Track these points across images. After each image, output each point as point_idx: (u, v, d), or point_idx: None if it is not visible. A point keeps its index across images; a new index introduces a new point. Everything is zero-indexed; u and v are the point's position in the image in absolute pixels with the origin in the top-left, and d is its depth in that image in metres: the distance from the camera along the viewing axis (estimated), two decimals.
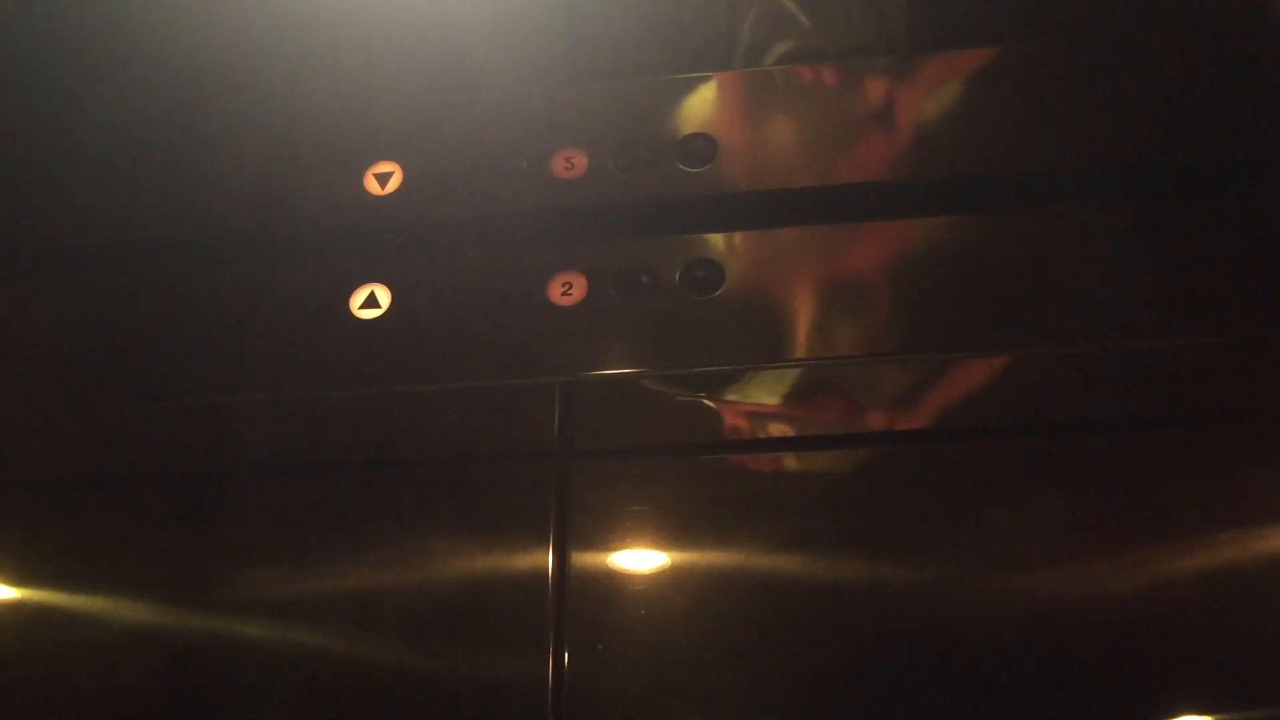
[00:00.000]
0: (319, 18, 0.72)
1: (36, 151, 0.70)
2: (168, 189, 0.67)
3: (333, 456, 0.66)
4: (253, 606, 0.64)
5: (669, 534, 0.64)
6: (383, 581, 0.64)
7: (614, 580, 0.63)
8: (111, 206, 0.67)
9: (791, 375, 0.63)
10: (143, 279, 0.65)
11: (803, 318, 0.61)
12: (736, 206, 0.64)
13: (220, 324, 0.64)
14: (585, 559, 0.63)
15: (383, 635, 0.63)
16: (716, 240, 0.63)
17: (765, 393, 0.64)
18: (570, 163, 0.64)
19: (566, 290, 0.62)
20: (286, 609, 0.64)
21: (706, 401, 0.64)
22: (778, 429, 0.66)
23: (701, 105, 0.66)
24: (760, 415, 0.65)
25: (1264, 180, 0.63)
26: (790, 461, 0.66)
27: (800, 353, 0.61)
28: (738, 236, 0.63)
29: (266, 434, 0.65)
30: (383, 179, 0.65)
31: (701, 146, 0.64)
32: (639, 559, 0.64)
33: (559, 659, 0.60)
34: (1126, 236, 0.62)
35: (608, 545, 0.63)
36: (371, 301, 0.62)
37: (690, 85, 0.68)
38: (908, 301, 0.62)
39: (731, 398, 0.64)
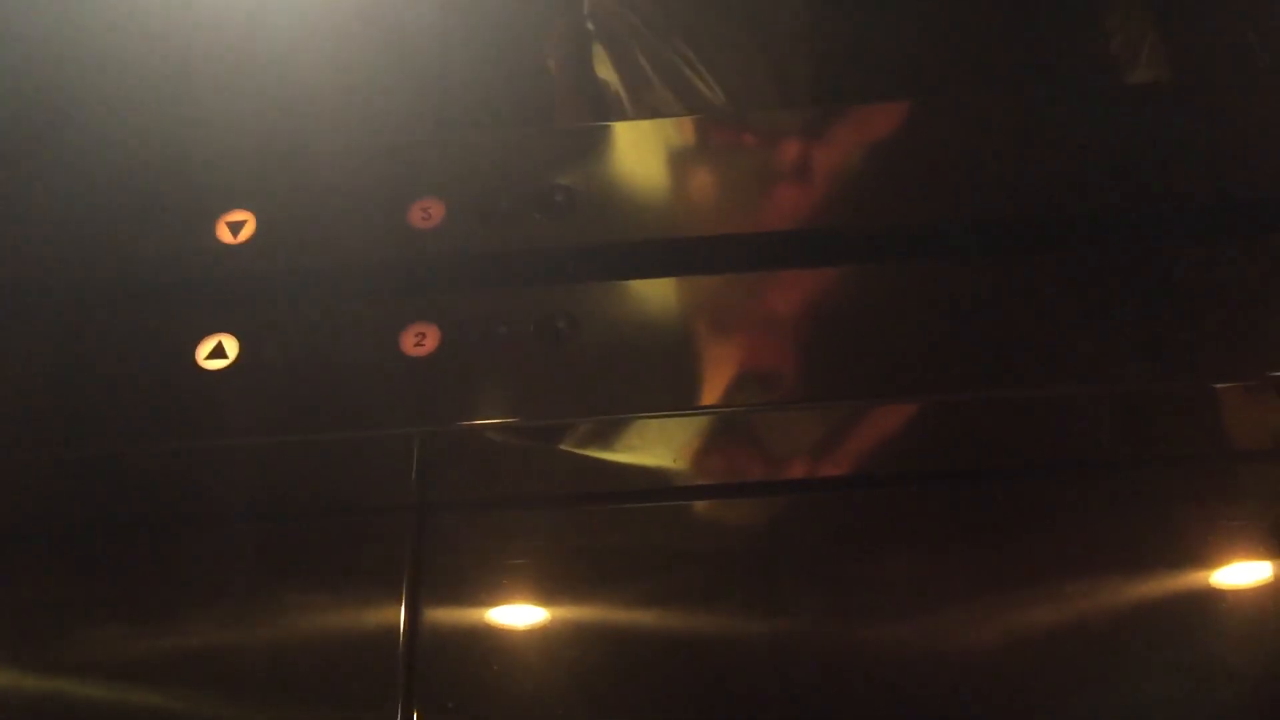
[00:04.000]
0: (174, 60, 0.72)
1: None
2: (16, 236, 0.65)
3: (180, 509, 0.65)
4: (96, 663, 0.62)
5: (527, 588, 0.63)
6: (230, 638, 0.62)
7: (468, 636, 0.62)
8: None
9: (650, 426, 0.62)
10: None
11: (659, 368, 0.61)
12: (595, 257, 0.64)
13: (63, 374, 0.62)
14: (439, 613, 0.62)
15: (231, 694, 0.61)
16: (575, 291, 0.63)
17: (627, 444, 0.63)
18: (427, 212, 0.64)
19: (420, 341, 0.61)
20: (129, 666, 0.62)
21: (566, 452, 0.63)
22: (637, 480, 0.65)
23: (561, 157, 0.66)
24: (620, 466, 0.64)
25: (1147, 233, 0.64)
26: (653, 512, 0.66)
27: (656, 404, 0.61)
28: (596, 287, 0.63)
29: (109, 486, 0.64)
30: (235, 227, 0.64)
31: (561, 197, 0.64)
32: (495, 614, 0.63)
33: (409, 697, 0.59)
34: (1022, 287, 0.62)
35: (463, 600, 0.62)
36: (219, 351, 0.61)
37: (550, 137, 0.68)
38: (771, 351, 0.62)
39: (591, 449, 0.63)
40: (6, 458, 0.61)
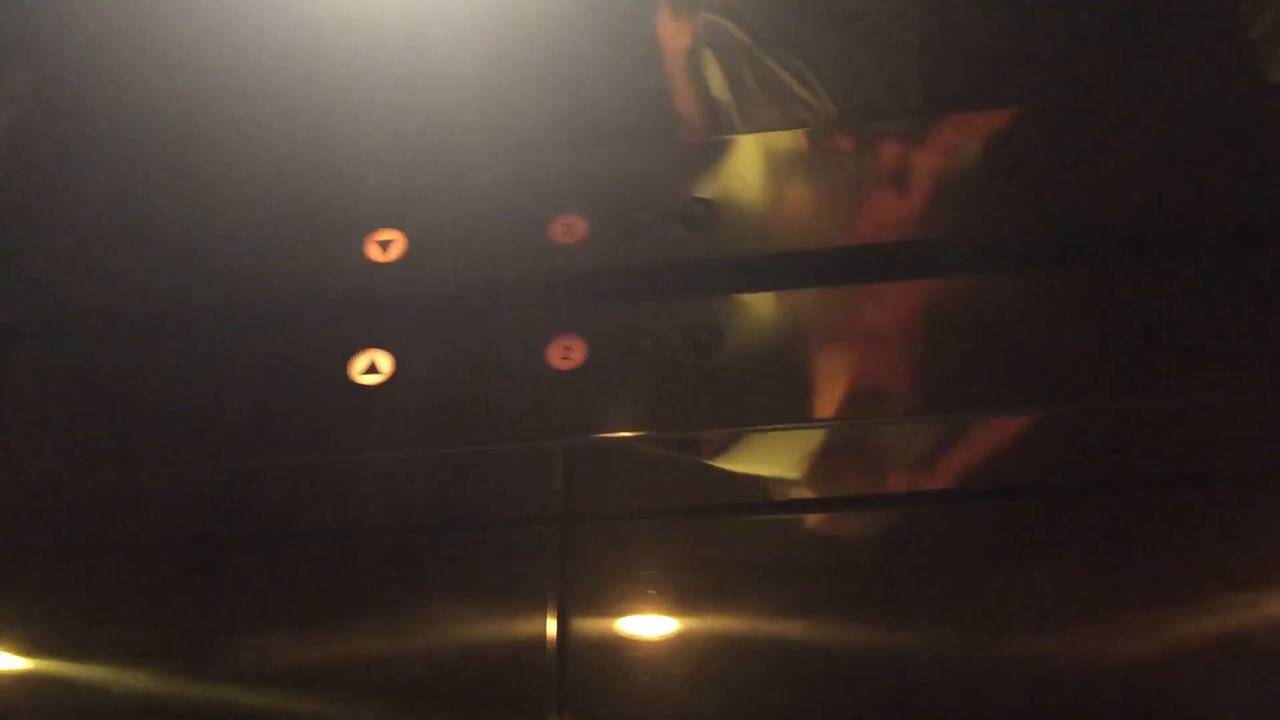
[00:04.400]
0: (322, 85, 0.74)
1: (36, 219, 0.71)
2: (170, 256, 0.67)
3: (336, 522, 0.66)
4: (254, 674, 0.64)
5: (673, 598, 0.63)
6: (384, 648, 0.63)
7: (617, 645, 0.63)
8: (113, 274, 0.67)
9: (796, 438, 0.62)
10: (145, 346, 0.66)
11: (804, 380, 0.61)
12: (737, 269, 0.64)
13: (222, 391, 0.64)
14: (588, 623, 0.63)
15: (384, 702, 0.63)
16: (719, 304, 0.63)
17: (769, 455, 0.63)
18: (570, 228, 0.65)
19: (566, 355, 0.62)
20: (286, 675, 0.64)
21: (710, 464, 0.64)
22: (782, 491, 0.65)
23: (702, 169, 0.66)
24: (764, 478, 0.64)
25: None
26: (797, 524, 0.66)
27: (802, 415, 0.61)
28: (739, 299, 0.63)
29: (269, 500, 0.66)
30: (384, 245, 0.65)
31: (701, 210, 0.65)
32: (643, 623, 0.63)
33: (561, 705, 0.60)
34: (1147, 295, 0.61)
35: (611, 609, 0.63)
36: (373, 368, 0.62)
37: (688, 150, 0.68)
38: (912, 362, 0.62)
39: (735, 460, 0.63)
40: (170, 473, 0.63)
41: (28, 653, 0.66)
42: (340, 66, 0.74)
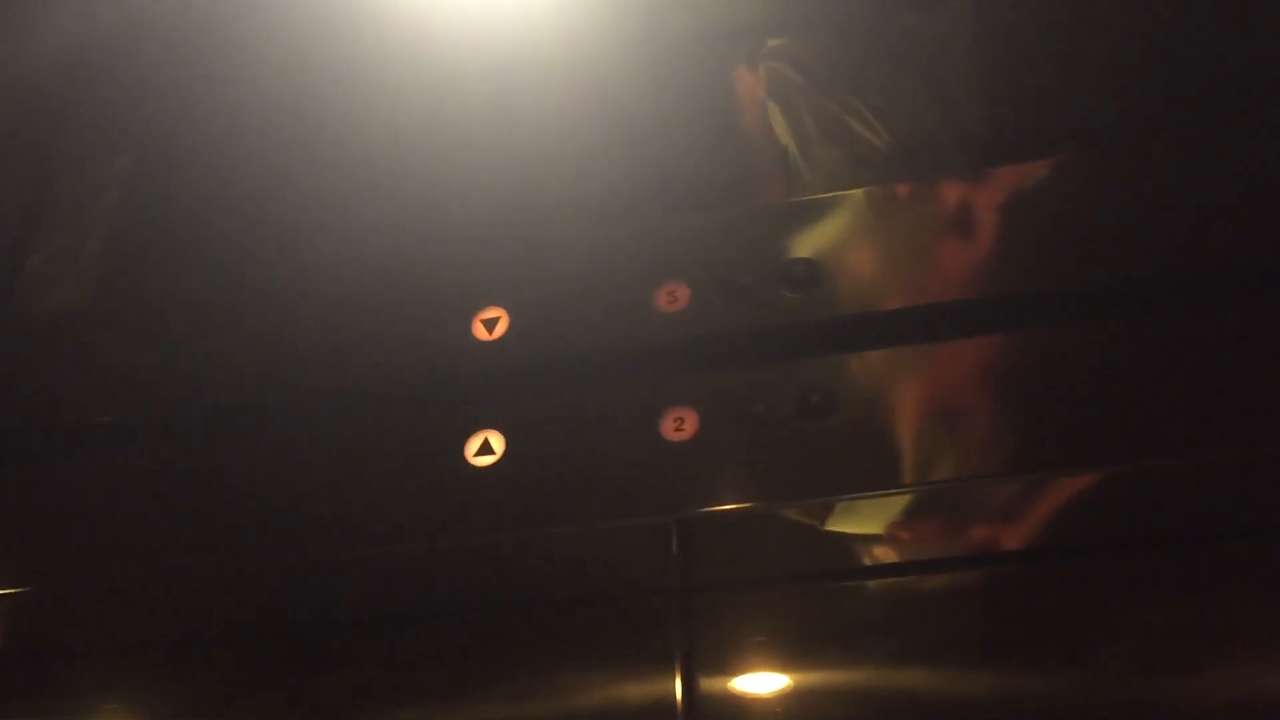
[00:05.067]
0: (414, 167, 0.74)
1: (142, 309, 0.72)
2: (272, 345, 0.68)
3: (456, 605, 0.66)
4: None
5: (794, 662, 0.63)
6: None
7: (742, 712, 0.62)
8: (222, 365, 0.68)
9: (910, 498, 0.62)
10: (255, 438, 0.67)
11: (920, 440, 0.60)
12: (844, 329, 0.63)
13: (335, 477, 0.64)
14: (712, 690, 0.62)
15: None
16: (827, 365, 0.62)
17: (886, 517, 0.63)
18: (673, 295, 0.65)
19: (679, 425, 0.61)
20: None
21: (827, 529, 0.63)
22: (898, 553, 0.64)
23: (800, 229, 0.66)
24: (882, 540, 0.63)
25: None
26: (912, 584, 0.65)
27: (920, 475, 0.60)
28: (849, 359, 0.63)
29: (389, 586, 0.66)
30: (490, 324, 0.65)
31: (803, 271, 0.64)
32: (765, 687, 0.63)
33: None
34: (1227, 340, 0.60)
35: (733, 676, 0.63)
36: (486, 448, 0.62)
37: (785, 210, 0.68)
38: (1025, 418, 0.60)
39: (852, 524, 0.63)
40: (290, 559, 0.64)
41: None
42: (425, 142, 0.75)
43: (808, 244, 0.65)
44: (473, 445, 0.63)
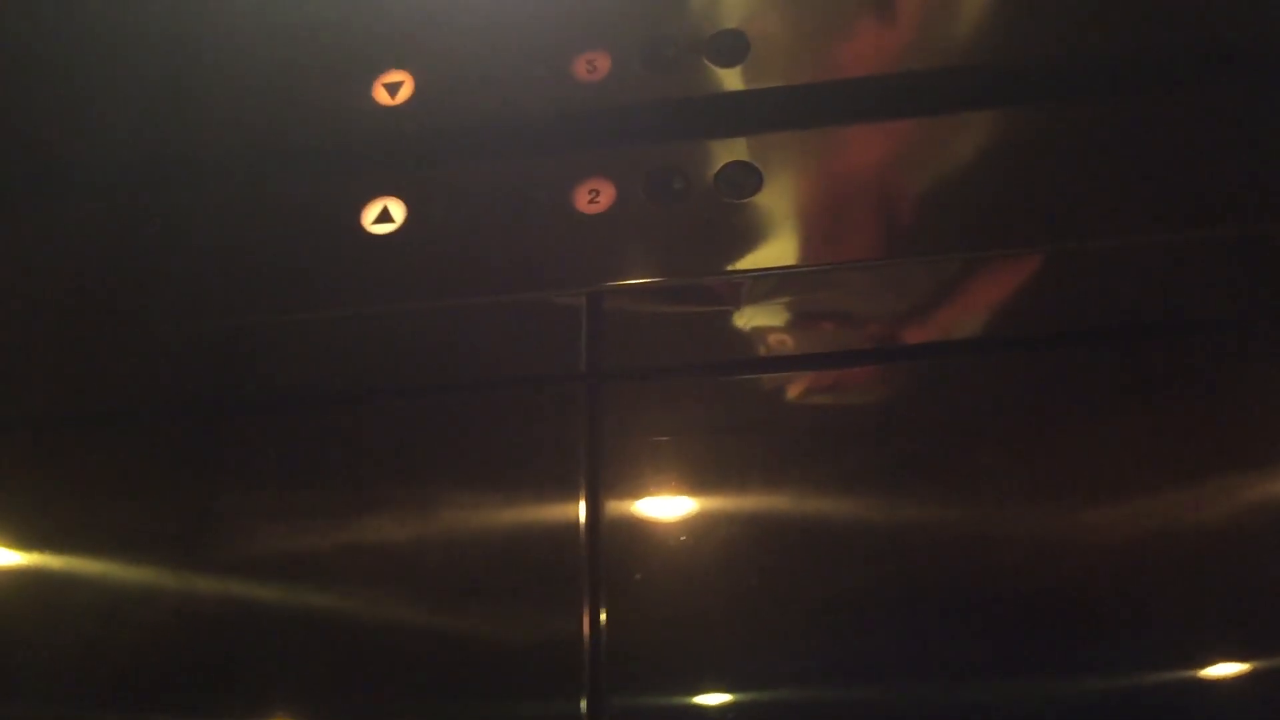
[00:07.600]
0: None
1: (22, 68, 0.66)
2: (164, 104, 0.63)
3: (347, 382, 0.62)
4: (259, 557, 0.59)
5: (707, 458, 0.60)
6: (401, 519, 0.60)
7: (650, 510, 0.59)
8: (102, 124, 0.63)
9: (841, 279, 0.58)
10: (140, 200, 0.62)
11: (846, 220, 0.57)
12: (771, 104, 0.60)
13: (224, 244, 0.60)
14: (619, 485, 0.59)
15: (401, 575, 0.59)
16: (753, 141, 0.59)
17: (805, 299, 0.59)
18: (592, 65, 0.60)
19: (594, 198, 0.58)
20: (294, 558, 0.59)
21: (743, 309, 0.60)
22: (817, 341, 0.61)
23: (726, 1, 0.62)
24: (807, 326, 0.60)
25: None
26: (843, 377, 0.62)
27: (846, 255, 0.57)
28: (774, 136, 0.59)
29: (275, 359, 0.61)
30: (393, 88, 0.61)
31: (731, 42, 0.60)
32: (675, 484, 0.59)
33: (595, 585, 0.56)
34: (1179, 123, 0.58)
35: (642, 471, 0.59)
36: (385, 216, 0.58)
37: None
38: (956, 198, 0.58)
39: (771, 308, 0.59)
40: (170, 332, 0.59)
41: (12, 542, 0.62)
42: None
43: (736, 14, 0.61)
44: (370, 212, 0.58)
